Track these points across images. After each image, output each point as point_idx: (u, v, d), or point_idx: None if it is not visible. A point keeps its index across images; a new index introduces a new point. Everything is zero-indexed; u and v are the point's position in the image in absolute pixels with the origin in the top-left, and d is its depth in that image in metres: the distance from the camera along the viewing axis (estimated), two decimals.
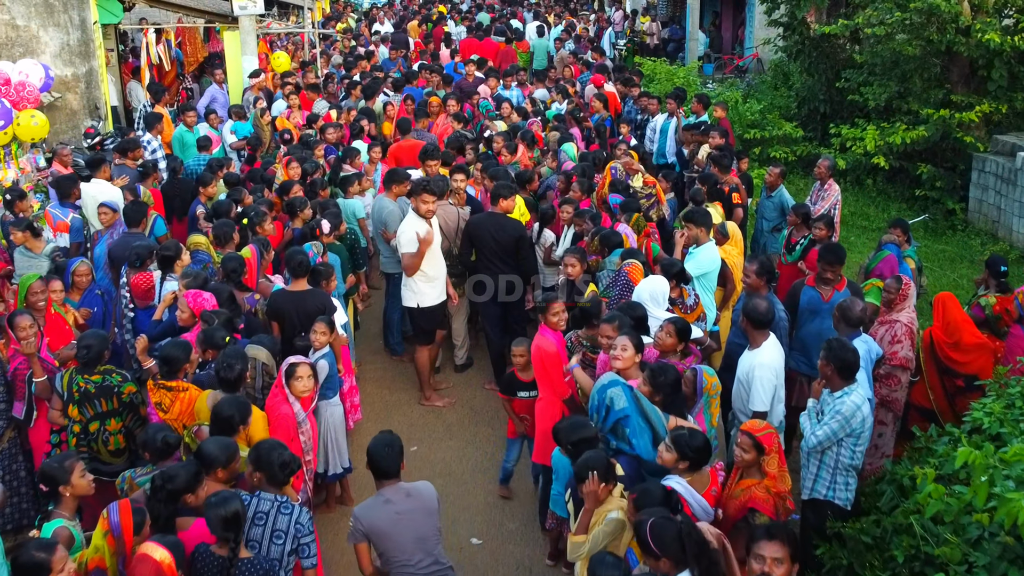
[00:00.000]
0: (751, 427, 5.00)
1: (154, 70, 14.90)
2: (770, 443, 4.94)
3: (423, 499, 4.83)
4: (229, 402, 5.30)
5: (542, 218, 9.04)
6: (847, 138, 14.75)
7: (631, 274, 6.96)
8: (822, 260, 7.14)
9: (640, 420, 5.23)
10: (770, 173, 10.13)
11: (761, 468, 4.97)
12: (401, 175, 8.99)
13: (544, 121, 12.30)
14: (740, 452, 5.00)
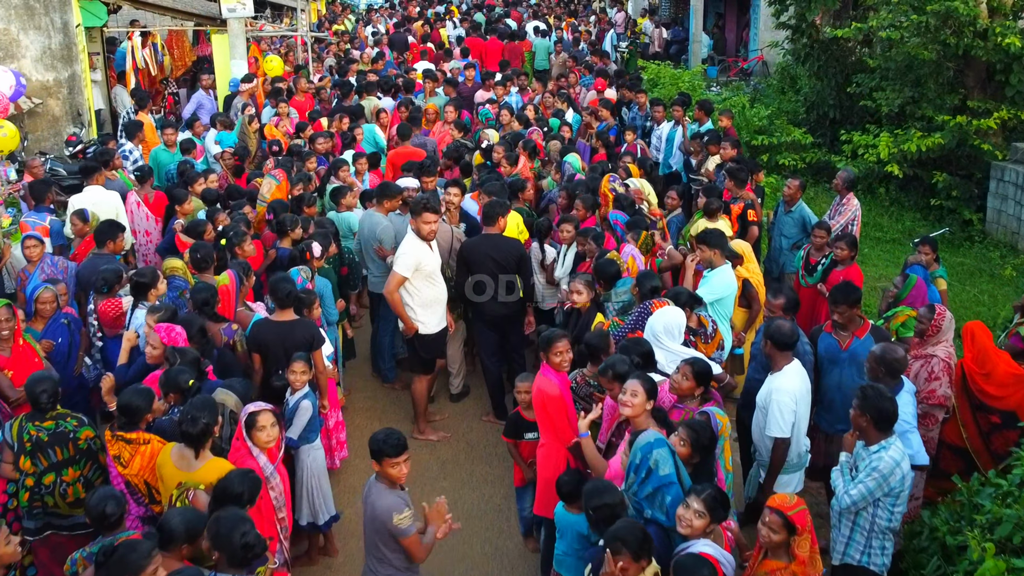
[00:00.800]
0: (782, 503, 4.36)
1: (140, 75, 14.25)
2: (803, 522, 4.30)
3: None
4: (240, 478, 4.62)
5: (537, 232, 8.41)
6: (859, 145, 14.10)
7: (655, 310, 6.29)
8: (831, 301, 6.45)
9: (680, 487, 4.60)
10: (789, 186, 9.48)
11: (790, 550, 4.33)
12: (394, 189, 8.36)
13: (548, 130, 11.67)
14: (768, 532, 4.36)
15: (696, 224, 8.62)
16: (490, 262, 7.56)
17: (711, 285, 7.20)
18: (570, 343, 5.84)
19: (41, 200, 9.06)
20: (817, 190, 15.19)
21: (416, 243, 7.19)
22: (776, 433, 5.65)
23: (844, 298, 6.32)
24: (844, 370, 6.23)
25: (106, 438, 5.25)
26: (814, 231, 8.51)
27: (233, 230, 7.78)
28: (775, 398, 5.66)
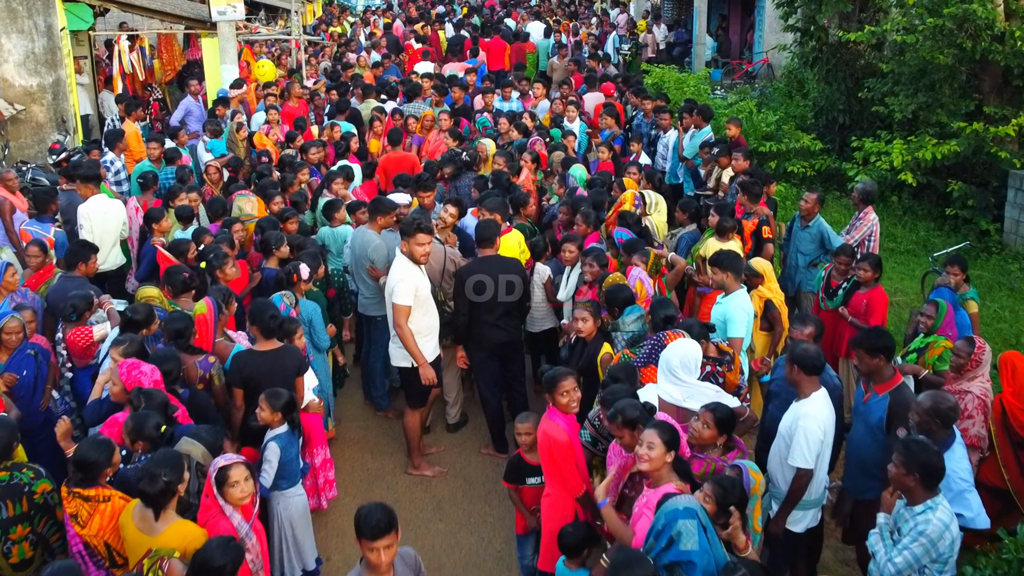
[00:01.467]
0: None
1: (127, 79, 13.67)
2: None
3: None
4: (221, 549, 4.06)
5: (532, 252, 7.85)
6: (870, 152, 13.54)
7: (669, 343, 5.72)
8: (853, 343, 5.75)
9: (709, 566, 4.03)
10: (806, 200, 8.88)
11: None
12: (387, 205, 7.79)
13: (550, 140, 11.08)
14: None
15: (706, 244, 8.05)
16: (490, 289, 7.00)
17: (728, 312, 6.64)
18: (576, 380, 5.28)
19: (44, 210, 8.51)
20: (827, 198, 14.61)
21: (409, 267, 6.62)
22: (800, 463, 5.12)
23: (867, 344, 5.54)
24: (854, 422, 5.61)
25: (62, 494, 4.68)
26: (836, 257, 7.93)
27: (214, 251, 7.22)
28: (802, 424, 5.12)
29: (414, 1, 26.57)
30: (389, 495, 6.98)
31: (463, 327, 7.15)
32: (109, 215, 8.64)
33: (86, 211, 8.56)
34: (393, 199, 8.04)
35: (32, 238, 8.10)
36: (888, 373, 5.53)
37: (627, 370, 5.53)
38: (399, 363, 6.86)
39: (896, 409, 5.39)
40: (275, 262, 7.66)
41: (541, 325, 7.86)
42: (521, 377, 7.50)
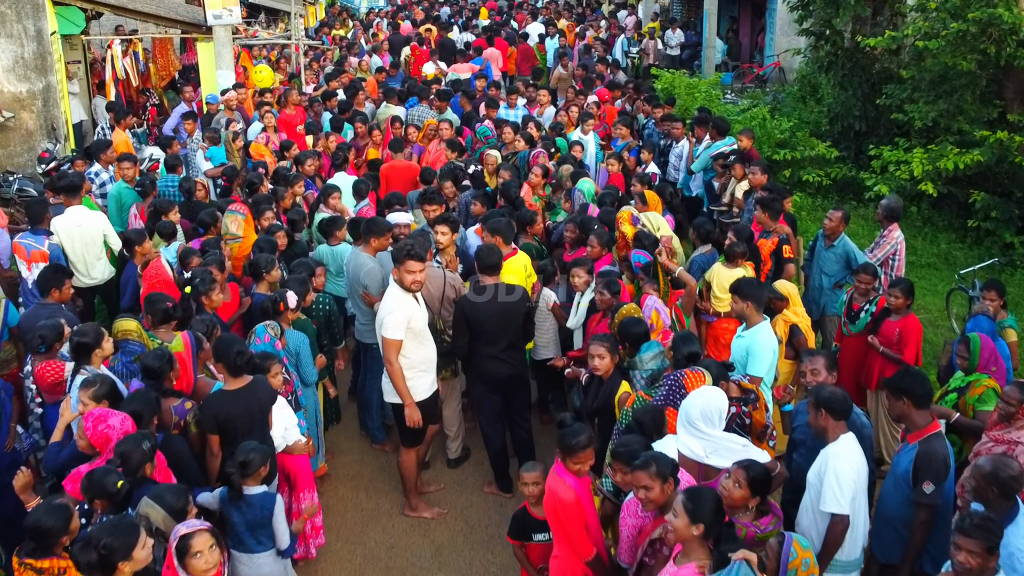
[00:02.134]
0: None
1: (120, 85, 13.16)
2: None
3: None
4: None
5: (541, 276, 7.30)
6: (889, 161, 12.96)
7: (688, 382, 5.18)
8: (891, 389, 5.06)
9: None
10: (831, 218, 8.28)
11: None
12: (381, 226, 7.24)
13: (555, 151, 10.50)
14: None
15: (715, 271, 7.47)
16: (495, 321, 6.47)
17: (752, 346, 6.10)
18: (595, 449, 4.73)
19: (39, 221, 7.99)
20: (844, 208, 14.02)
21: (401, 296, 6.08)
22: (833, 508, 4.60)
23: (897, 388, 4.96)
24: (901, 489, 4.97)
25: (13, 565, 4.16)
26: (858, 275, 7.37)
27: (200, 276, 6.69)
28: (832, 465, 4.64)
29: (418, 3, 26.07)
30: (383, 540, 6.46)
31: (462, 360, 6.62)
32: (85, 227, 8.14)
33: (58, 225, 8.09)
34: (391, 218, 7.49)
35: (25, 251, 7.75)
36: (920, 421, 4.96)
37: (653, 414, 4.99)
38: (391, 398, 6.32)
39: (922, 461, 4.83)
40: (266, 287, 7.12)
41: (543, 354, 7.33)
42: (525, 412, 6.97)
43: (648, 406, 5.09)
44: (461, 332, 6.48)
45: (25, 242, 7.86)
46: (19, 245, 7.87)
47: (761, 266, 8.02)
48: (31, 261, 7.74)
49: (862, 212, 13.87)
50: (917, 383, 5.00)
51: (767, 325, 6.23)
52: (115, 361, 5.90)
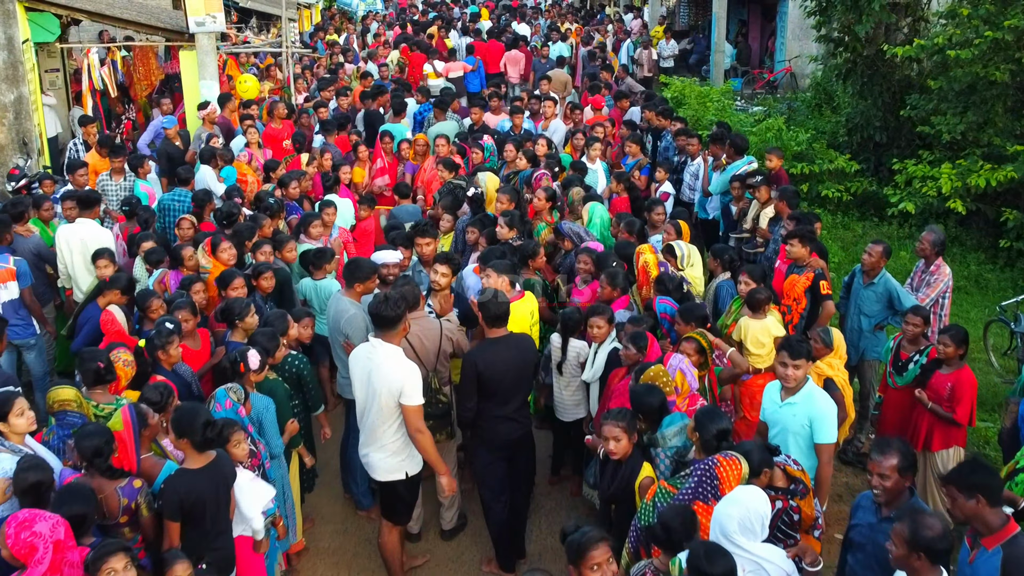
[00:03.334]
0: None
1: (97, 96, 12.25)
2: None
3: None
4: None
5: (564, 326, 6.36)
6: (914, 176, 12.06)
7: (722, 472, 4.27)
8: (948, 484, 4.14)
9: None
10: (870, 253, 7.34)
11: None
12: (365, 268, 6.34)
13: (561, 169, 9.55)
14: None
15: (744, 327, 6.53)
16: (511, 378, 5.59)
17: (814, 411, 5.19)
18: (611, 545, 3.83)
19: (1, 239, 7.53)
20: (865, 226, 13.14)
21: (404, 354, 5.26)
22: None
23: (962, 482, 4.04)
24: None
25: None
26: (907, 317, 6.46)
27: (157, 328, 5.81)
28: None
29: (417, 7, 25.14)
30: None
31: (468, 424, 5.71)
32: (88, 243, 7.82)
33: (62, 233, 7.87)
34: (378, 257, 6.58)
35: None
36: (996, 521, 4.03)
37: (682, 516, 4.08)
38: (385, 477, 5.40)
39: (1014, 569, 3.92)
40: (241, 335, 6.21)
41: (574, 414, 6.42)
42: (530, 477, 6.10)
43: (676, 507, 4.19)
44: (470, 392, 5.55)
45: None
46: None
47: (793, 305, 7.12)
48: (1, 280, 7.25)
49: (884, 230, 12.95)
50: (992, 478, 4.10)
51: (811, 386, 5.33)
52: (50, 435, 5.02)
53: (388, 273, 6.51)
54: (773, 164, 9.19)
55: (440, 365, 5.89)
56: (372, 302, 5.27)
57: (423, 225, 7.16)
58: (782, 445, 5.09)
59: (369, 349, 5.26)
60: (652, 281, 6.53)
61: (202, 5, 11.54)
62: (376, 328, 5.24)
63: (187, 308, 6.26)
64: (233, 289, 6.66)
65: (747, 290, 6.66)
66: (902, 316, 6.68)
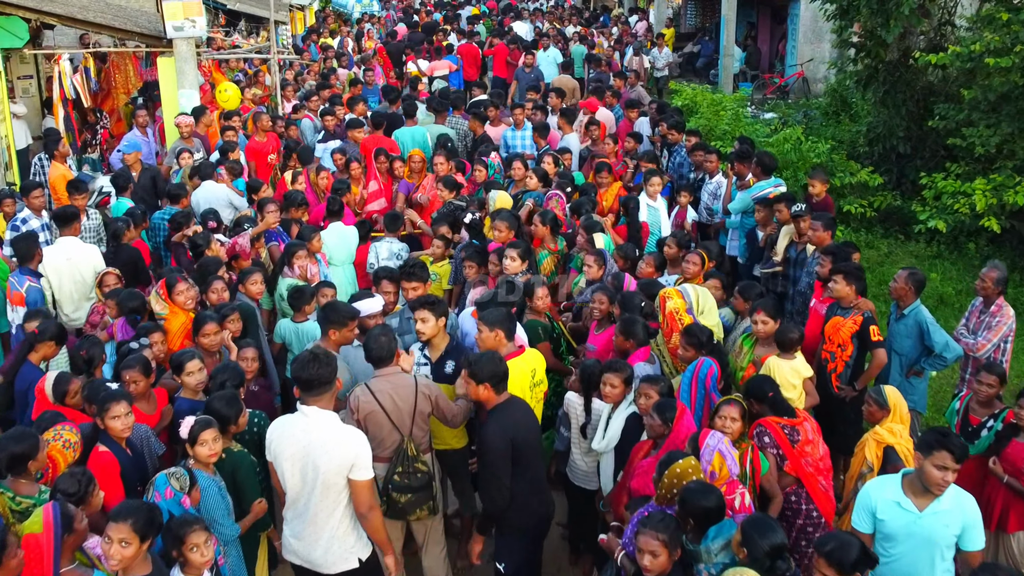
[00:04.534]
0: None
1: (70, 105, 11.27)
2: None
3: None
4: None
5: (584, 382, 5.36)
6: (943, 191, 11.09)
7: None
8: None
9: None
10: (898, 280, 6.43)
11: None
12: (343, 313, 5.37)
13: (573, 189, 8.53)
14: None
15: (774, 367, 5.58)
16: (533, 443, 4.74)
17: (964, 519, 4.22)
18: None
19: (27, 259, 7.00)
20: (890, 244, 12.16)
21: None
22: None
23: None
24: None
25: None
26: (981, 378, 5.47)
27: (91, 389, 4.86)
28: None
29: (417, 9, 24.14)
30: None
31: (501, 510, 4.69)
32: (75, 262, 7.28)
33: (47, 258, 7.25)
34: (359, 305, 5.59)
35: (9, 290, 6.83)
36: None
37: None
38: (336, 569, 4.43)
39: None
40: (192, 391, 5.29)
41: (585, 482, 5.47)
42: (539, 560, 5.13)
43: None
44: (503, 470, 4.54)
45: (11, 280, 6.96)
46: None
47: (837, 352, 6.15)
48: (13, 303, 6.91)
49: (911, 248, 12.00)
50: None
51: (882, 482, 4.36)
52: None
53: (371, 321, 5.54)
54: (817, 190, 8.11)
55: (417, 428, 4.92)
56: (296, 362, 4.36)
57: (410, 266, 6.16)
58: (919, 564, 4.12)
59: (301, 421, 4.30)
60: (682, 332, 5.54)
61: (180, 9, 10.57)
62: (304, 392, 4.28)
63: (138, 367, 5.29)
64: (205, 336, 5.73)
65: (765, 329, 5.81)
66: (975, 377, 5.69)
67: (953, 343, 6.38)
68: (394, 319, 5.93)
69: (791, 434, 5.03)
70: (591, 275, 6.72)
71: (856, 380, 6.17)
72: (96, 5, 11.95)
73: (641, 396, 4.91)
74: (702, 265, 6.57)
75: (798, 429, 5.03)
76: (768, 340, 5.74)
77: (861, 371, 6.21)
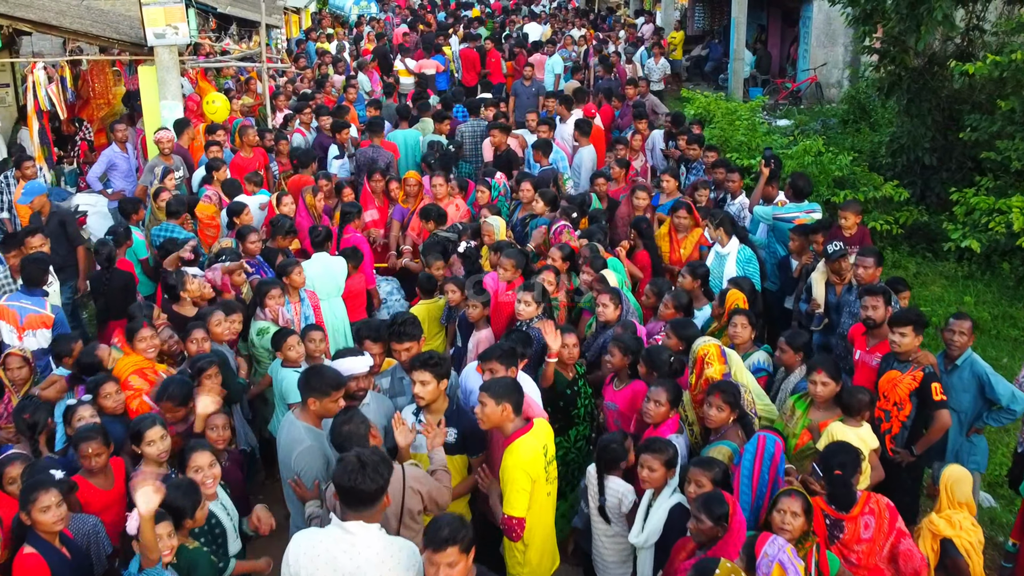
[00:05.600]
0: None
1: (45, 117, 10.43)
2: None
3: None
4: None
5: (601, 459, 4.56)
6: (976, 207, 10.28)
7: None
8: None
9: None
10: (952, 328, 5.61)
11: None
12: (328, 380, 4.52)
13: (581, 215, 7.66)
14: None
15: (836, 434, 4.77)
16: None
17: None
18: None
19: (36, 282, 6.51)
20: (919, 264, 11.32)
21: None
22: None
23: None
24: None
25: None
26: None
27: (28, 475, 4.07)
28: None
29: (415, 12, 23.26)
30: None
31: None
32: None
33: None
34: (342, 365, 4.74)
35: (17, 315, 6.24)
36: None
37: None
38: None
39: None
40: (154, 462, 4.49)
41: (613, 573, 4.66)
42: None
43: None
44: None
45: (17, 305, 6.39)
46: (6, 308, 6.36)
47: (893, 411, 5.34)
48: (24, 328, 6.31)
49: (940, 268, 11.18)
50: None
51: None
52: None
53: (358, 388, 4.71)
54: (849, 223, 7.16)
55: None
56: (340, 470, 3.50)
57: (399, 323, 5.18)
58: None
59: (344, 540, 3.47)
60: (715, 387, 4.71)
61: (162, 14, 9.72)
62: (348, 507, 3.47)
63: (99, 438, 4.49)
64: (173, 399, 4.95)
65: (826, 392, 4.97)
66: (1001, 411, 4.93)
67: (1019, 392, 5.58)
68: (384, 379, 5.11)
69: (832, 528, 4.23)
70: (606, 317, 5.89)
71: (914, 444, 5.36)
72: (74, 10, 11.11)
73: (691, 483, 4.10)
74: (752, 328, 5.71)
75: (845, 525, 4.22)
76: (828, 402, 4.91)
77: (920, 433, 5.39)
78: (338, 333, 7.06)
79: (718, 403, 4.67)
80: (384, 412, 4.75)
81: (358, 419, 4.13)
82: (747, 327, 5.57)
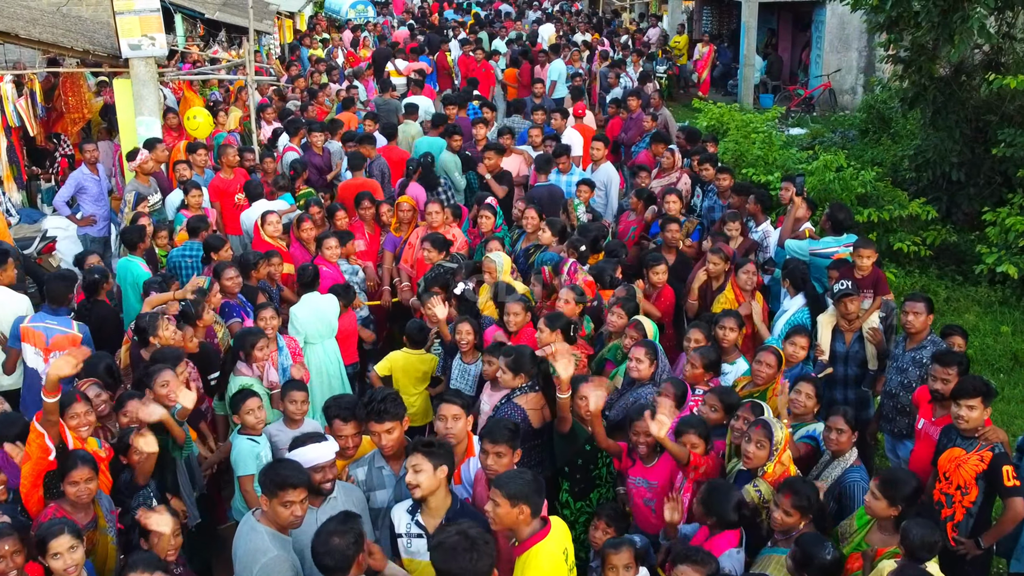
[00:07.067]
0: None
1: (14, 134, 9.64)
2: None
3: None
4: None
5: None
6: (1012, 229, 9.51)
7: None
8: None
9: None
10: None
11: None
12: (291, 476, 3.70)
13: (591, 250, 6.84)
14: None
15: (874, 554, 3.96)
16: None
17: None
18: None
19: (61, 301, 6.14)
20: (948, 287, 10.49)
21: None
22: None
23: None
24: None
25: None
26: None
27: None
28: None
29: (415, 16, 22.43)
30: None
31: None
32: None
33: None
34: (302, 455, 3.92)
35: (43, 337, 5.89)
36: None
37: None
38: None
39: None
40: None
41: None
42: None
43: None
44: None
45: (42, 325, 6.00)
46: (31, 330, 5.99)
47: (956, 496, 4.55)
48: (51, 349, 5.90)
49: (972, 293, 10.36)
50: None
51: None
52: None
53: (323, 479, 3.92)
54: (865, 265, 6.26)
55: None
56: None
57: (379, 399, 4.19)
58: None
59: None
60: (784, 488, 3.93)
61: (137, 24, 8.93)
62: None
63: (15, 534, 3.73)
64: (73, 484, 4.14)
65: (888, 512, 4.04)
66: None
67: None
68: (360, 468, 4.30)
69: None
70: (639, 373, 5.13)
71: (981, 534, 4.57)
72: (47, 18, 10.33)
73: None
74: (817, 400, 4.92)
75: None
76: (889, 524, 4.03)
77: (987, 522, 4.61)
78: (334, 379, 6.35)
79: (786, 507, 3.89)
80: (354, 508, 3.95)
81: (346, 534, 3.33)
82: (812, 398, 4.81)
